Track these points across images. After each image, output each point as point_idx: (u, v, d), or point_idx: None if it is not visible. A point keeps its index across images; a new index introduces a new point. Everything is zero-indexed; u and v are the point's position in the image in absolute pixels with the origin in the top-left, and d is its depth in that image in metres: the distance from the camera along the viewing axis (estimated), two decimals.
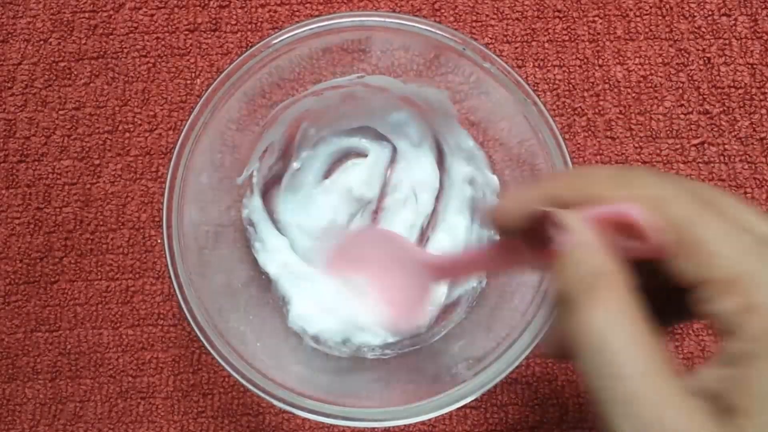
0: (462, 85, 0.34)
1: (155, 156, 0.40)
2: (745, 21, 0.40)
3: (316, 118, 0.37)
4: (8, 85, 0.41)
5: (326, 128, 0.38)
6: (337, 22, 0.31)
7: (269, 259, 0.37)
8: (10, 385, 0.39)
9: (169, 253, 0.30)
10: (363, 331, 0.36)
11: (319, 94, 0.35)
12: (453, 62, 0.32)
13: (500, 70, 0.31)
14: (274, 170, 0.38)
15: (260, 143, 0.36)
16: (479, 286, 0.37)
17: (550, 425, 0.38)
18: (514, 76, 0.31)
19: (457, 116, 0.36)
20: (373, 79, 0.35)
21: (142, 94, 0.41)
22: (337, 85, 0.35)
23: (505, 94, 0.31)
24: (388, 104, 0.37)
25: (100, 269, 0.39)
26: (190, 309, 0.30)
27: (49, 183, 0.40)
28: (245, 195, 0.37)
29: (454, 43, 0.31)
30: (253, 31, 0.41)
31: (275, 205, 0.38)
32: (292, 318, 0.36)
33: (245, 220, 0.37)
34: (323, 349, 0.36)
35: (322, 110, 0.36)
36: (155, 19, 0.41)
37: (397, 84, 0.35)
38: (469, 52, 0.31)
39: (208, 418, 0.38)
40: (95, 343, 0.39)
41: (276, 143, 0.36)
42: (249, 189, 0.37)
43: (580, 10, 0.41)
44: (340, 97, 0.36)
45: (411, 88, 0.35)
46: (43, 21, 0.41)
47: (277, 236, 0.37)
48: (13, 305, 0.39)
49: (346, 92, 0.36)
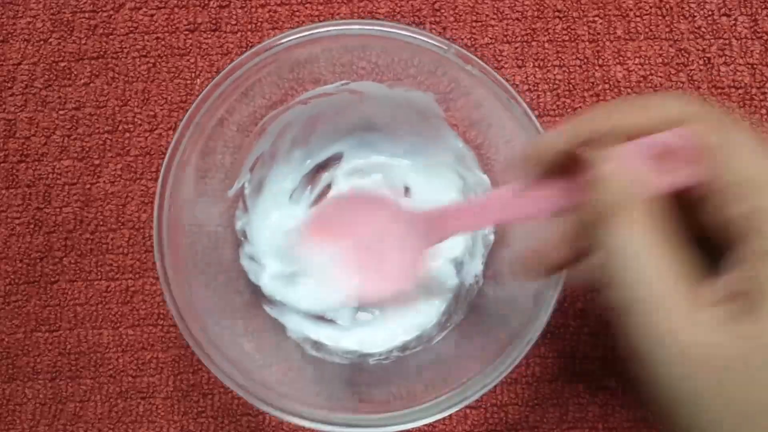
0: (447, 88, 0.34)
1: (155, 156, 0.40)
2: (745, 21, 0.40)
3: (304, 127, 0.37)
4: (8, 85, 0.41)
5: (313, 136, 0.38)
6: (318, 32, 0.31)
7: (259, 272, 0.37)
8: (10, 385, 0.39)
9: (162, 273, 0.30)
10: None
11: (307, 103, 0.35)
12: (437, 66, 0.32)
13: (482, 71, 0.31)
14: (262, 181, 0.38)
15: (250, 154, 0.36)
16: (477, 285, 0.37)
17: (550, 425, 0.38)
18: (495, 77, 0.31)
19: (445, 118, 0.36)
20: (358, 85, 0.35)
21: (142, 94, 0.41)
22: (323, 93, 0.35)
23: (489, 95, 0.31)
24: (376, 110, 0.37)
25: (100, 269, 0.39)
26: (187, 328, 0.30)
27: (49, 183, 0.40)
28: (238, 207, 0.37)
29: (436, 48, 0.31)
30: (253, 31, 0.41)
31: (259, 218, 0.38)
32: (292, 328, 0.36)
33: (239, 232, 0.37)
34: (323, 357, 0.36)
35: (310, 118, 0.36)
36: (155, 19, 0.41)
37: (383, 89, 0.35)
38: (451, 56, 0.31)
39: (208, 418, 0.38)
40: (95, 343, 0.39)
41: (266, 154, 0.37)
42: (242, 201, 0.37)
43: (580, 10, 0.41)
44: (327, 105, 0.36)
45: (397, 92, 0.35)
46: (43, 21, 0.41)
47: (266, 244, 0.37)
48: (13, 305, 0.39)
49: (334, 99, 0.36)
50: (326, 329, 0.37)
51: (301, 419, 0.29)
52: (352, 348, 0.36)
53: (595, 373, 0.38)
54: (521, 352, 0.29)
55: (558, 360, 0.38)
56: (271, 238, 0.37)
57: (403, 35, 0.31)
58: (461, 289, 0.37)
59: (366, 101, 0.36)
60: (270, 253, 0.37)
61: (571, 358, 0.38)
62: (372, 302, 0.37)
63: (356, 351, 0.36)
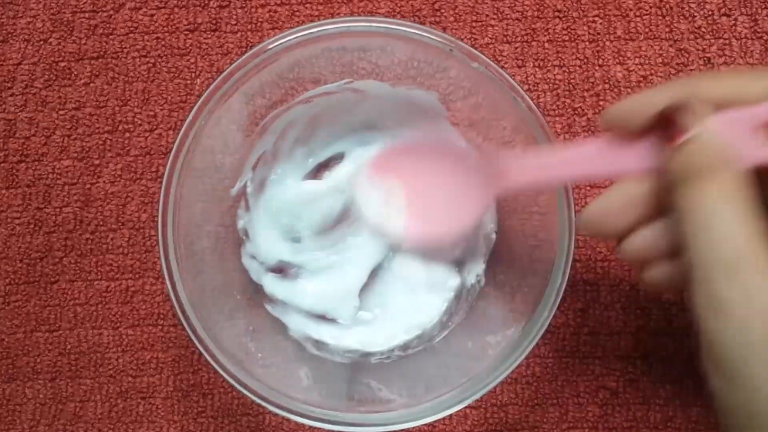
0: (451, 86, 0.34)
1: (155, 156, 0.40)
2: (745, 21, 0.40)
3: (306, 125, 0.37)
4: (8, 85, 0.41)
5: (315, 135, 0.38)
6: (323, 29, 0.31)
7: (261, 271, 0.37)
8: (10, 385, 0.39)
9: (167, 272, 0.30)
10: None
11: (309, 102, 0.35)
12: (440, 63, 0.32)
13: (488, 69, 0.31)
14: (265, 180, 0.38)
15: (252, 153, 0.36)
16: (478, 285, 0.37)
17: (550, 425, 0.38)
18: (501, 74, 0.31)
19: (448, 116, 0.36)
20: (361, 84, 0.35)
21: (142, 94, 0.41)
22: (326, 91, 0.35)
23: (494, 92, 0.31)
24: (378, 108, 0.37)
25: (100, 269, 0.39)
26: (192, 326, 0.30)
27: (49, 183, 0.40)
28: (239, 206, 0.37)
29: (440, 45, 0.31)
30: (253, 31, 0.41)
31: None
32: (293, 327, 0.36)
33: (240, 231, 0.37)
34: (325, 356, 0.36)
35: (313, 117, 0.36)
36: (155, 19, 0.41)
37: (386, 88, 0.35)
38: (456, 53, 0.31)
39: (208, 418, 0.38)
40: (95, 343, 0.39)
41: (268, 152, 0.37)
42: (243, 200, 0.37)
43: (580, 10, 0.41)
44: (329, 103, 0.36)
45: (400, 91, 0.35)
46: (43, 21, 0.41)
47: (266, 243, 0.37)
48: (13, 305, 0.39)
49: (336, 98, 0.36)
50: (328, 328, 0.37)
51: (302, 418, 0.29)
52: (354, 347, 0.36)
53: (595, 373, 0.38)
54: (522, 352, 0.29)
55: (558, 360, 0.38)
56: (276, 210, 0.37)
57: (407, 32, 0.31)
58: (462, 289, 0.37)
59: (368, 100, 0.36)
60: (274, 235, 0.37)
61: (571, 358, 0.38)
62: (416, 246, 0.36)
63: (358, 350, 0.36)
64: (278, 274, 0.37)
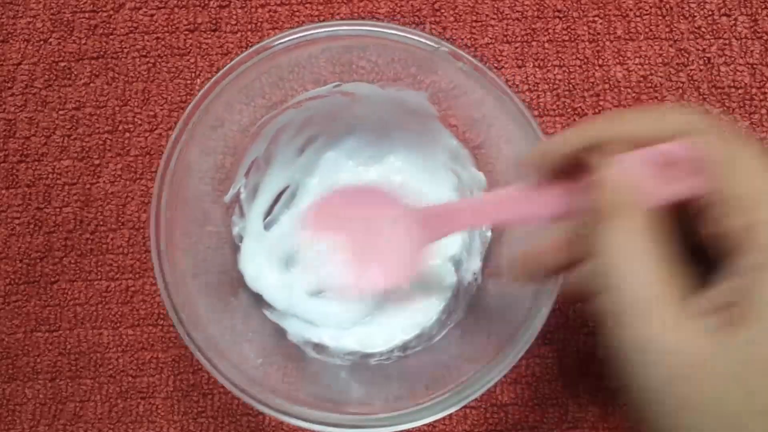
0: (440, 87, 0.34)
1: (155, 156, 0.40)
2: (745, 21, 0.40)
3: (297, 130, 0.37)
4: (8, 85, 0.41)
5: (307, 139, 0.38)
6: (313, 32, 0.31)
7: (255, 278, 0.37)
8: (10, 385, 0.39)
9: (162, 280, 0.30)
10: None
11: (299, 106, 0.35)
12: (428, 64, 0.32)
13: (475, 69, 0.31)
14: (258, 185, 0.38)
15: (245, 158, 0.36)
16: (476, 283, 0.37)
17: (550, 425, 0.38)
18: (487, 74, 0.31)
19: (438, 117, 0.36)
20: (350, 86, 0.35)
21: (142, 94, 0.41)
22: (315, 95, 0.35)
23: (482, 92, 0.31)
24: (368, 110, 0.37)
25: (100, 269, 0.39)
26: (187, 332, 0.30)
27: (49, 183, 0.40)
28: (234, 213, 0.37)
29: (425, 45, 0.31)
30: (253, 31, 0.41)
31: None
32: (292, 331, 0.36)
33: (236, 237, 0.37)
34: (325, 359, 0.36)
35: (304, 121, 0.36)
36: (155, 19, 0.41)
37: (375, 89, 0.35)
38: (441, 54, 0.31)
39: (208, 418, 0.38)
40: (95, 343, 0.39)
41: (261, 158, 0.36)
42: (238, 206, 0.37)
43: (580, 10, 0.41)
44: (320, 107, 0.36)
45: (389, 92, 0.35)
46: (43, 21, 0.41)
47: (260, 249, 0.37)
48: (13, 305, 0.39)
49: (327, 102, 0.36)
50: (327, 330, 0.37)
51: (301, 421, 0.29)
52: (354, 348, 0.36)
53: (595, 373, 0.38)
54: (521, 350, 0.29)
55: (558, 360, 0.38)
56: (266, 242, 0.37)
57: (391, 34, 0.31)
58: (460, 287, 0.37)
59: (358, 102, 0.36)
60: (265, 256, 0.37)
61: (571, 358, 0.38)
62: (367, 296, 0.36)
63: (357, 351, 0.36)
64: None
